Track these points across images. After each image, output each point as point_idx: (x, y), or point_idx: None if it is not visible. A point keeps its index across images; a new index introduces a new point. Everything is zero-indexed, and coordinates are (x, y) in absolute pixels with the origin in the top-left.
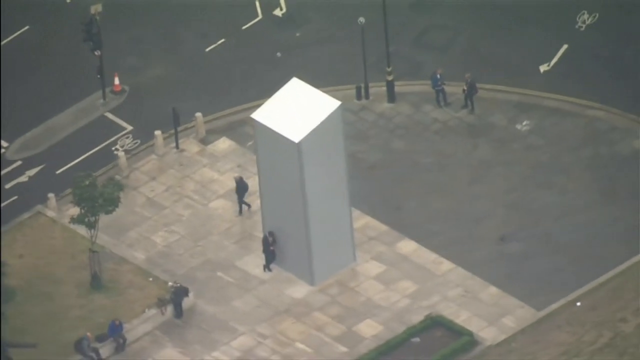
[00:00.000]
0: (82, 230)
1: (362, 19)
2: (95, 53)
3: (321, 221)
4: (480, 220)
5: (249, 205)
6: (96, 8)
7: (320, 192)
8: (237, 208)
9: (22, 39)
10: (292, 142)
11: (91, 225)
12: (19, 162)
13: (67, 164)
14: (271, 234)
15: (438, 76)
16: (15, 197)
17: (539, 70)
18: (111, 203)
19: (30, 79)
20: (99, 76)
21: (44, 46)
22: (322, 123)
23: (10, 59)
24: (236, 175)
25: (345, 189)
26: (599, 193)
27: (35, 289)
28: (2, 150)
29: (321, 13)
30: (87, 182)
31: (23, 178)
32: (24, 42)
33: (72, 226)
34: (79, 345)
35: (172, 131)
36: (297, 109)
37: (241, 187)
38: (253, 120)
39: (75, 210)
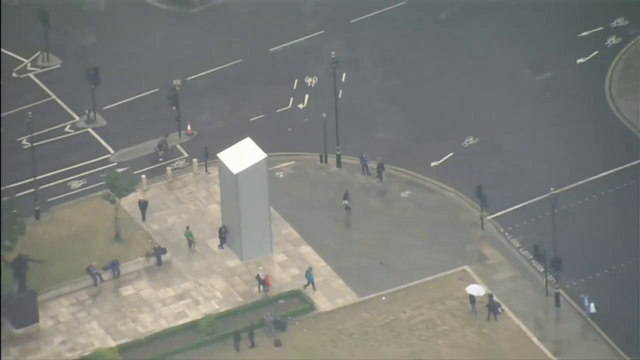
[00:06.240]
0: (127, 207)
1: (324, 115)
2: (172, 108)
3: (250, 226)
4: (354, 243)
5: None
6: (176, 82)
7: (250, 209)
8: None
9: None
10: (232, 173)
11: (113, 201)
12: (115, 164)
13: (141, 169)
14: (224, 226)
15: (364, 156)
16: (101, 183)
17: (429, 164)
18: (125, 190)
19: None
20: (176, 122)
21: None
22: (252, 166)
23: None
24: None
25: (267, 209)
26: (433, 239)
27: (80, 235)
28: (108, 156)
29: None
30: (114, 177)
31: (113, 173)
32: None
33: (120, 203)
34: (88, 270)
35: (209, 161)
36: (242, 156)
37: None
38: (218, 157)
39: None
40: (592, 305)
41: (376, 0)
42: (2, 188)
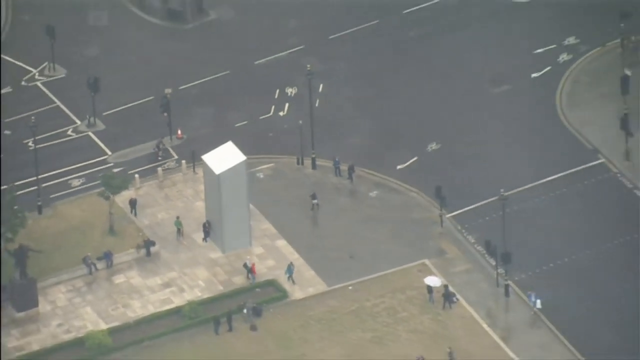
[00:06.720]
0: (121, 204)
1: (300, 122)
2: (164, 114)
3: (231, 221)
4: (326, 237)
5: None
6: (168, 91)
7: (231, 206)
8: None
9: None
10: (215, 173)
11: (107, 198)
12: (112, 164)
13: (135, 169)
14: (208, 221)
15: (337, 159)
16: (98, 182)
17: (395, 167)
18: (119, 188)
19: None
20: (168, 127)
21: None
22: (233, 167)
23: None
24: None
25: (246, 206)
26: (396, 235)
27: (78, 228)
28: (106, 157)
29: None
30: (110, 176)
31: (109, 173)
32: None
33: (115, 200)
34: (84, 260)
35: (196, 163)
36: (224, 158)
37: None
38: (202, 159)
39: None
40: (538, 301)
41: (352, 19)
42: (7, 185)
